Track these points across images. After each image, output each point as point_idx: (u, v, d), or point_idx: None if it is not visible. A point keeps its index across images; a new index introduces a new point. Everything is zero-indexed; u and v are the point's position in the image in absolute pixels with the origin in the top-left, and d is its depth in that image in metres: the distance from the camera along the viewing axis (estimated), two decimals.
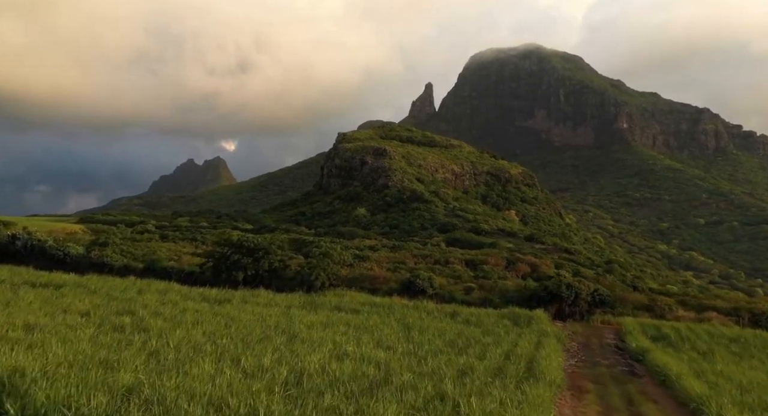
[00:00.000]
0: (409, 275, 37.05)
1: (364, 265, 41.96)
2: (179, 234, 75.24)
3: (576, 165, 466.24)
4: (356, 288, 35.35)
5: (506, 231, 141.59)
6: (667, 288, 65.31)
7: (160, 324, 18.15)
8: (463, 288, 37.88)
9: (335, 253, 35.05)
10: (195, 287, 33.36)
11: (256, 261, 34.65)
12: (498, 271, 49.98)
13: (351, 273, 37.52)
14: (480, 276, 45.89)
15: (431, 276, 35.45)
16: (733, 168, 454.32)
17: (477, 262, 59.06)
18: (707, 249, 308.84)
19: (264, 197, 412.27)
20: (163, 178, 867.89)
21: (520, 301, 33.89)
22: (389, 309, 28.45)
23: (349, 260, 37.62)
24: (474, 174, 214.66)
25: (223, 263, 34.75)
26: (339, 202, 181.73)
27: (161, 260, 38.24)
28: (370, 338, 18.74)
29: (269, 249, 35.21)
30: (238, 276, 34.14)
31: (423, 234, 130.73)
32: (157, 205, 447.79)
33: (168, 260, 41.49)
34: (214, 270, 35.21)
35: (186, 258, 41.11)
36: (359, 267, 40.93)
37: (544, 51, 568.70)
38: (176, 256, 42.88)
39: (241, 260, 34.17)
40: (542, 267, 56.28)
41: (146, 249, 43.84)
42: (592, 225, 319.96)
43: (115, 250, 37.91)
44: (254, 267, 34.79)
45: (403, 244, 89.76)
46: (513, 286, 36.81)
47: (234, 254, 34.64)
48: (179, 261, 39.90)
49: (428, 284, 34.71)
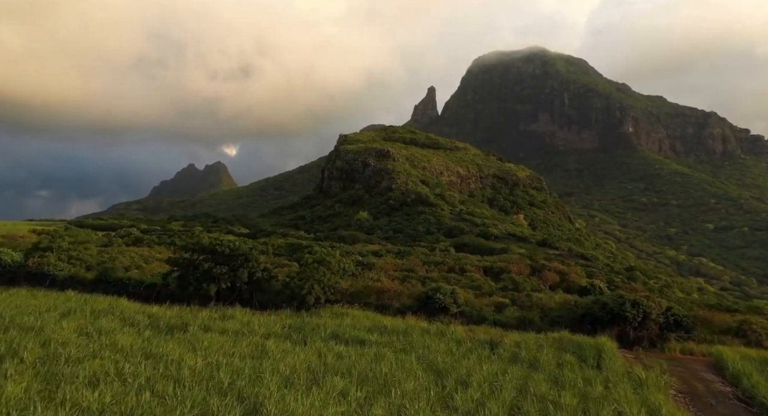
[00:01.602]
0: (426, 288, 29.46)
1: (369, 275, 34.53)
2: (155, 237, 67.84)
3: (581, 169, 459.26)
4: (360, 304, 27.98)
5: (517, 235, 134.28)
6: (721, 302, 57.73)
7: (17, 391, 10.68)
8: (493, 304, 30.40)
9: (333, 261, 27.42)
10: (152, 305, 25.88)
11: (232, 271, 27.19)
12: (530, 282, 42.38)
13: (353, 286, 30.04)
14: (509, 288, 38.30)
15: (455, 290, 27.96)
16: (741, 172, 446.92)
17: (497, 270, 51.71)
18: (717, 255, 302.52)
19: (264, 202, 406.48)
20: (163, 183, 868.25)
21: (568, 323, 26.56)
22: (405, 337, 20.92)
23: (350, 269, 30.03)
24: (480, 177, 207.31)
25: (191, 273, 27.26)
26: (340, 205, 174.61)
27: (116, 269, 30.74)
28: (385, 404, 11.37)
29: (250, 255, 27.73)
30: (209, 289, 26.72)
31: (429, 239, 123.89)
32: (156, 209, 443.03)
33: (131, 268, 34.00)
34: (180, 281, 27.78)
35: (153, 266, 33.62)
36: (363, 277, 33.50)
37: (547, 54, 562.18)
38: (145, 263, 35.47)
39: (213, 269, 26.72)
40: (572, 276, 48.92)
41: (106, 256, 36.36)
42: (598, 231, 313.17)
43: (60, 257, 30.35)
44: (230, 278, 27.26)
45: (409, 250, 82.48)
46: (556, 302, 29.24)
47: (205, 261, 27.15)
48: (143, 270, 32.46)
49: (451, 300, 27.22)
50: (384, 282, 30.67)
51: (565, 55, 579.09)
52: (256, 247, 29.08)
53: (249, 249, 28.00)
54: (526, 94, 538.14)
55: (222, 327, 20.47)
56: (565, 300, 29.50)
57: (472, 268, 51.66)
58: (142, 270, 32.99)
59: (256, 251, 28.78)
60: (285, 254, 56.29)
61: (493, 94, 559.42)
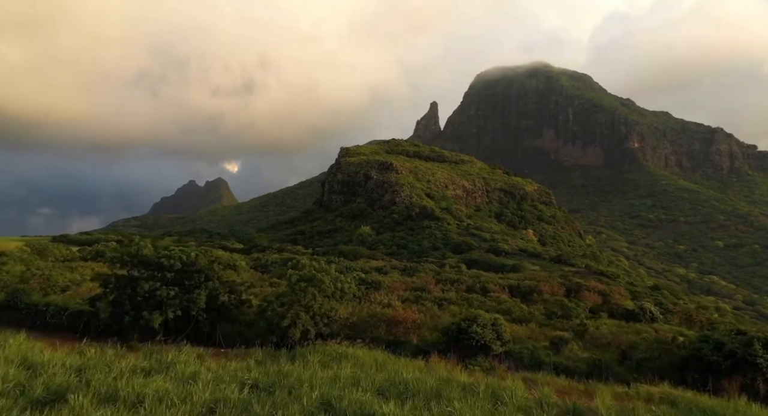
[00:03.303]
0: (456, 317, 21.25)
1: (375, 298, 26.45)
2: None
3: (586, 185, 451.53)
4: (365, 339, 19.94)
5: (529, 251, 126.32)
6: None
7: None
8: (546, 337, 22.29)
9: (327, 279, 19.30)
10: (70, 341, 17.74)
11: (186, 293, 19.21)
12: (581, 306, 34.15)
13: (356, 314, 22.07)
14: (556, 315, 30.10)
15: (497, 320, 19.89)
16: (750, 189, 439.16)
17: (525, 290, 43.66)
18: (727, 273, 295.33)
19: (264, 217, 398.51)
20: (164, 200, 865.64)
21: (661, 369, 18.55)
22: (439, 405, 12.81)
23: (351, 290, 21.92)
24: (486, 191, 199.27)
25: (128, 296, 19.25)
26: (341, 219, 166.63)
27: (30, 292, 22.62)
28: None
29: (210, 272, 19.73)
30: (153, 320, 18.73)
31: (435, 255, 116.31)
32: (154, 225, 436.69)
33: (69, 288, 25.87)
34: (114, 307, 19.81)
35: (92, 287, 25.45)
36: (368, 300, 25.41)
37: (551, 69, 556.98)
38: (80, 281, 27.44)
39: (157, 291, 18.78)
40: (615, 297, 40.87)
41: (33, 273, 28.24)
42: (605, 248, 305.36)
43: None
44: (183, 303, 19.18)
45: (416, 266, 74.43)
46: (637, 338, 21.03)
47: (146, 280, 19.15)
48: (77, 291, 24.40)
49: (493, 335, 19.23)
50: (398, 309, 22.60)
51: (569, 71, 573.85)
52: (221, 259, 21.20)
53: (209, 263, 19.93)
54: (530, 109, 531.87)
55: (139, 390, 12.36)
56: (657, 337, 21.29)
57: (495, 288, 43.64)
58: (76, 289, 24.90)
59: (220, 265, 20.70)
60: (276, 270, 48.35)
61: (496, 109, 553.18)
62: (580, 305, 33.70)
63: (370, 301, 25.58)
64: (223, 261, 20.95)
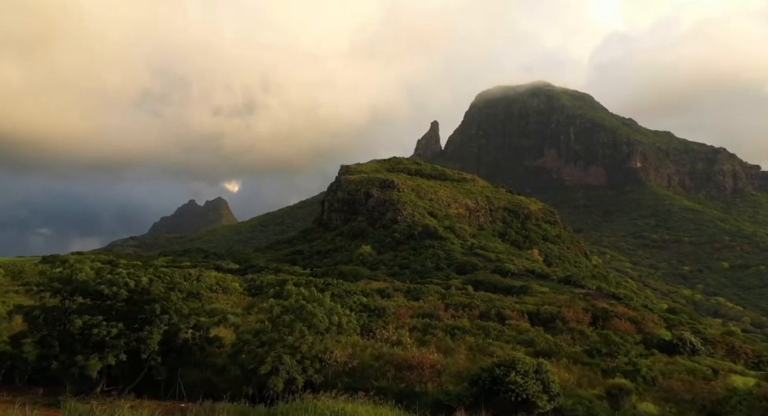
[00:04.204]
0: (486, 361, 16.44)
1: (381, 334, 21.62)
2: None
3: (588, 205, 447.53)
4: (368, 390, 15.21)
5: (536, 272, 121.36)
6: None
7: None
8: (600, 386, 17.50)
9: (319, 312, 14.49)
10: None
11: (134, 331, 14.47)
12: (629, 340, 29.23)
13: (356, 354, 17.22)
14: (600, 352, 25.14)
15: (540, 366, 15.13)
16: (754, 209, 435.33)
17: (546, 316, 38.80)
18: (734, 294, 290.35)
19: (263, 237, 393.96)
20: (163, 219, 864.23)
21: None
22: None
23: (352, 324, 16.97)
24: (490, 209, 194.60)
25: (57, 335, 14.53)
26: (341, 238, 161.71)
27: None
28: None
29: (167, 302, 15.00)
30: (89, 366, 14.03)
31: (439, 276, 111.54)
32: (153, 245, 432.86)
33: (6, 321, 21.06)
34: (41, 348, 15.08)
35: None
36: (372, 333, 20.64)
37: (552, 88, 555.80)
38: None
39: (95, 328, 14.08)
40: (648, 326, 36.06)
41: None
42: (609, 268, 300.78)
43: None
44: (131, 343, 14.41)
45: (421, 288, 69.53)
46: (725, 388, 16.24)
47: (79, 314, 14.44)
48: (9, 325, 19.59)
49: (538, 386, 14.52)
50: (410, 348, 17.80)
51: (571, 90, 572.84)
52: (179, 286, 16.38)
53: (167, 290, 15.21)
54: (531, 128, 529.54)
55: None
56: (759, 392, 16.45)
57: (512, 314, 38.80)
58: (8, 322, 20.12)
59: (180, 293, 15.95)
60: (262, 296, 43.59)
61: (497, 128, 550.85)
62: (628, 339, 28.78)
63: (375, 337, 20.85)
64: (184, 288, 16.27)
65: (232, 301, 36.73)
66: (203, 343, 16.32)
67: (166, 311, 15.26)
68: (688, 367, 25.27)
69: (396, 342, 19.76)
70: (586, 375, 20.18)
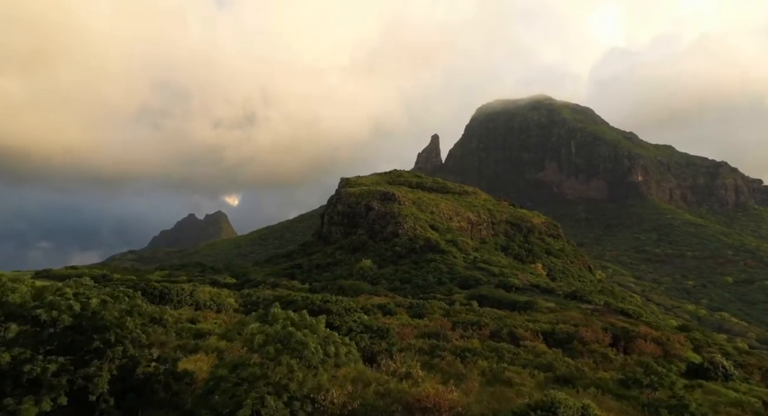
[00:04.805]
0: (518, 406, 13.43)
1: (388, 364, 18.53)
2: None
3: (590, 218, 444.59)
4: None
5: (541, 287, 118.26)
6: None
7: None
8: None
9: (311, 342, 11.48)
10: None
11: (79, 366, 11.46)
12: (669, 371, 26.02)
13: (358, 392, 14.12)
14: (640, 383, 21.86)
15: (587, 410, 12.12)
16: (756, 224, 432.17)
17: (562, 336, 35.71)
18: (738, 309, 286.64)
19: (263, 251, 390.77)
20: (163, 233, 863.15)
21: None
22: None
23: (352, 355, 13.86)
24: (492, 223, 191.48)
25: None
26: (341, 252, 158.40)
27: None
28: None
29: (123, 330, 11.94)
30: (21, 411, 11.02)
31: (441, 290, 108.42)
32: (151, 259, 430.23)
33: None
34: None
35: None
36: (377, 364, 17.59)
37: (553, 102, 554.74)
38: None
39: (25, 364, 11.06)
40: (675, 347, 32.96)
41: None
42: (612, 282, 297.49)
43: None
44: (77, 381, 11.38)
45: (424, 303, 66.37)
46: None
47: (7, 346, 11.42)
48: None
49: None
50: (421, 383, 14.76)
51: (571, 104, 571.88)
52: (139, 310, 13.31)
53: (123, 314, 12.20)
54: (532, 141, 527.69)
55: None
56: None
57: (525, 333, 35.73)
58: None
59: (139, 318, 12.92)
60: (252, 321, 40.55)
61: (498, 142, 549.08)
62: (672, 369, 25.61)
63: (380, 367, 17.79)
64: (145, 311, 13.25)
65: (221, 320, 33.60)
66: (169, 379, 13.34)
67: (120, 341, 12.29)
68: (733, 399, 22.26)
69: (405, 375, 16.77)
70: (625, 412, 17.20)
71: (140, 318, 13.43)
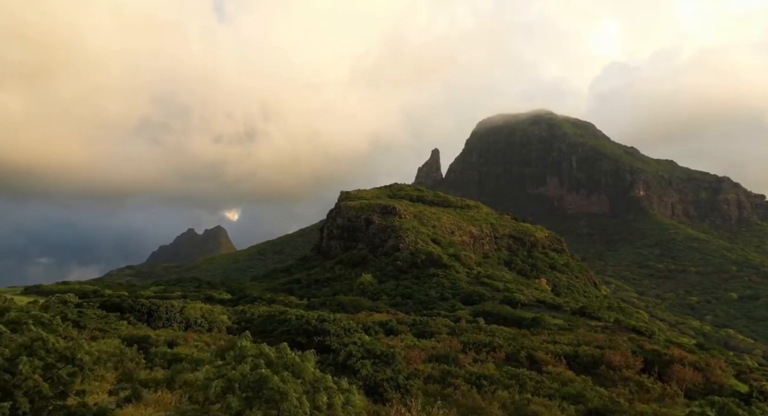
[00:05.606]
0: None
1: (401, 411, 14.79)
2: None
3: (592, 234, 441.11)
4: None
5: (548, 303, 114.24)
6: None
7: None
8: None
9: (291, 391, 7.69)
10: None
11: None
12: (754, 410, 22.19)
13: None
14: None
15: None
16: (760, 239, 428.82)
17: (587, 360, 31.94)
18: (744, 326, 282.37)
19: (262, 266, 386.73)
20: (162, 248, 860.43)
21: None
22: None
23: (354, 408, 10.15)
24: (495, 237, 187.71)
25: None
26: (341, 267, 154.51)
27: None
28: None
29: (16, 376, 8.16)
30: None
31: (444, 306, 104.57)
32: (149, 274, 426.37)
33: None
34: None
35: None
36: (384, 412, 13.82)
37: (554, 117, 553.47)
38: None
39: None
40: (716, 373, 29.21)
41: None
42: (616, 298, 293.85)
43: None
44: None
45: (428, 320, 62.47)
46: None
47: None
48: None
49: None
50: None
51: (572, 118, 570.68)
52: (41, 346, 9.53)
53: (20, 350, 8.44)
54: (533, 156, 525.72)
55: None
56: None
57: (545, 357, 31.96)
58: None
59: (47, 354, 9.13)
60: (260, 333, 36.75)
61: (499, 156, 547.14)
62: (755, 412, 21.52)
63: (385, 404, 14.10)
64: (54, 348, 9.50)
65: (203, 342, 29.78)
66: None
67: (8, 392, 8.51)
68: None
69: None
70: None
71: (47, 355, 9.57)
